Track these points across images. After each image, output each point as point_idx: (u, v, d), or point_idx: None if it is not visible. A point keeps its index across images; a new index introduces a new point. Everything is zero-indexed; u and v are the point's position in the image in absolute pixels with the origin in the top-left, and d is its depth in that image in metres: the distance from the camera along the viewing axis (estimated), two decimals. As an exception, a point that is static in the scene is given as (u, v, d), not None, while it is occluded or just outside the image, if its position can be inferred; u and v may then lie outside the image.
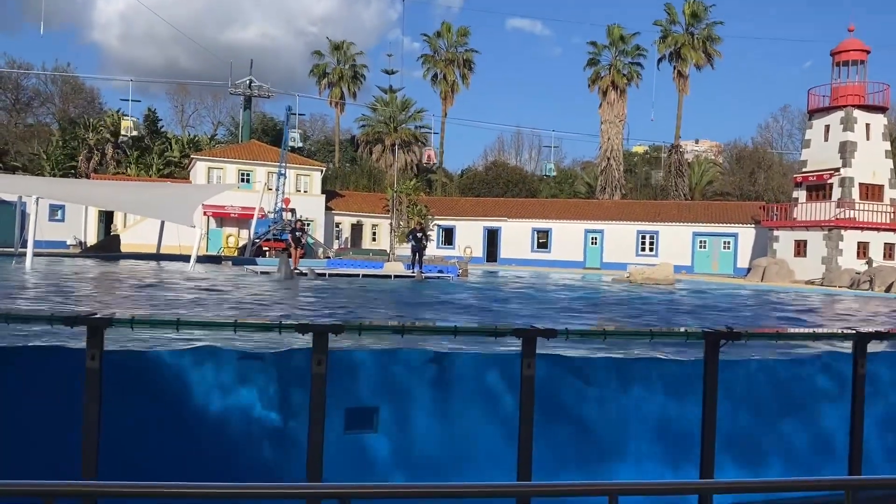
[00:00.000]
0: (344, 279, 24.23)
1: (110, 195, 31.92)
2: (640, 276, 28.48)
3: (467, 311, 14.48)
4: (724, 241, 43.41)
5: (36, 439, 5.01)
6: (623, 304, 17.88)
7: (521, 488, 3.41)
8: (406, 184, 48.85)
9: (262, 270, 25.44)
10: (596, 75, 55.50)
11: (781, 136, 67.49)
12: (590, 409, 5.77)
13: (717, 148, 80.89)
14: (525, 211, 48.28)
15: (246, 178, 44.93)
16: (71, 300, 12.58)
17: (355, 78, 62.53)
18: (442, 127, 62.06)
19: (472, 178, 63.62)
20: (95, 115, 58.46)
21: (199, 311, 11.45)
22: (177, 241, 31.74)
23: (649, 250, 44.62)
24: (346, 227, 48.57)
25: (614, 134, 54.84)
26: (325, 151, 63.96)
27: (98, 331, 4.49)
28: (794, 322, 14.75)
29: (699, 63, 54.63)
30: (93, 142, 52.10)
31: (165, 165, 53.57)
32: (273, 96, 56.27)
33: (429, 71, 61.26)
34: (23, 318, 5.02)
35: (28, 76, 60.50)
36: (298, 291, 17.66)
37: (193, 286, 17.34)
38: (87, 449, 4.42)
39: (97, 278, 19.87)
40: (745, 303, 20.41)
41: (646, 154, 68.17)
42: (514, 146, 79.71)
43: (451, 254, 44.00)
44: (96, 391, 4.46)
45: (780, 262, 36.32)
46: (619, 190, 54.89)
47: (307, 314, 12.22)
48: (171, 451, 5.20)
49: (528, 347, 4.86)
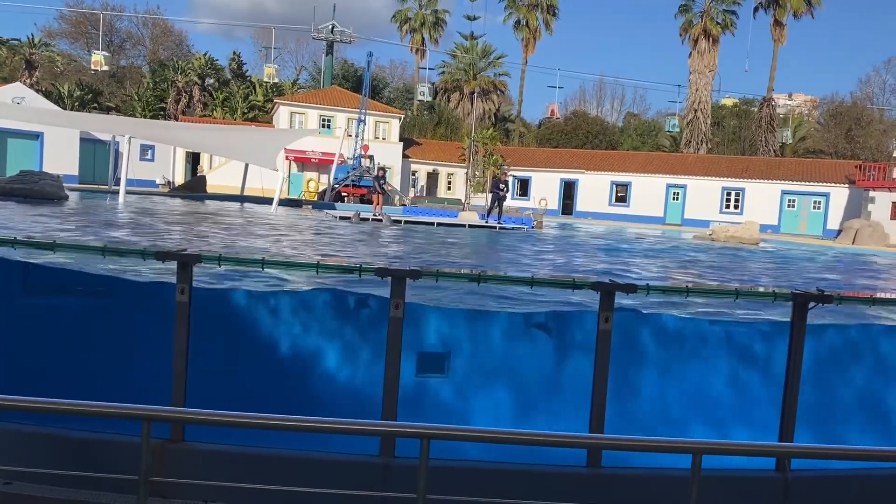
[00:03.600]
0: (419, 227, 24.42)
1: (198, 138, 32.89)
2: (723, 233, 27.57)
3: (542, 261, 14.40)
4: (815, 200, 41.46)
5: (134, 364, 5.31)
6: (705, 262, 17.39)
7: (595, 440, 3.40)
8: (483, 133, 48.40)
9: (341, 215, 25.85)
10: (688, 23, 53.15)
11: (884, 91, 63.47)
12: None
13: (812, 102, 76.60)
14: (604, 163, 47.20)
15: (327, 124, 45.48)
16: (161, 236, 13.12)
17: (437, 24, 61.80)
18: (522, 75, 61.01)
19: (550, 128, 62.47)
20: (184, 57, 59.97)
21: (284, 252, 11.77)
22: (259, 184, 32.58)
23: (734, 208, 43.09)
24: (421, 176, 48.72)
25: (703, 85, 52.67)
26: (404, 99, 63.91)
27: (187, 266, 4.67)
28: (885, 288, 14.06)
29: (798, 11, 51.51)
30: (181, 84, 53.56)
31: (250, 109, 54.67)
32: (355, 42, 56.36)
33: (511, 16, 59.98)
34: (118, 252, 5.26)
35: (120, 18, 62.41)
36: (379, 237, 17.92)
37: (276, 227, 17.82)
38: (177, 377, 4.64)
39: (185, 216, 20.65)
40: (833, 265, 19.55)
41: (735, 107, 65.22)
42: (595, 96, 77.70)
43: (525, 205, 43.61)
44: (185, 323, 4.66)
45: (874, 225, 34.50)
46: (706, 144, 52.94)
47: (385, 259, 12.41)
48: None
49: (607, 301, 4.79)
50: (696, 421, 5.51)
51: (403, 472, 4.22)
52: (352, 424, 2.77)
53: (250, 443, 4.44)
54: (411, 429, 2.66)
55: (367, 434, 2.70)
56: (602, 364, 4.73)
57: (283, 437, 4.05)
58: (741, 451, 2.59)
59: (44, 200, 20.20)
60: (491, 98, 59.21)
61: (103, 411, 2.89)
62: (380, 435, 3.72)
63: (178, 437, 4.54)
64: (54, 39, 58.81)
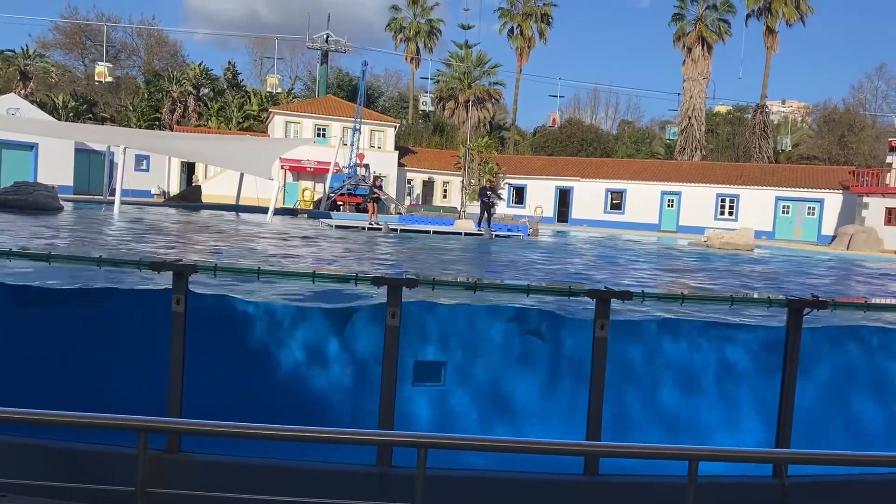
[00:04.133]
0: (415, 235, 24.42)
1: (193, 147, 32.87)
2: (718, 240, 27.63)
3: (537, 269, 14.41)
4: (809, 206, 41.60)
5: (130, 374, 5.29)
6: (701, 269, 17.43)
7: (592, 448, 3.40)
8: (478, 141, 48.48)
9: (344, 224, 25.76)
10: (682, 31, 53.44)
11: (876, 97, 63.80)
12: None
13: (805, 109, 76.96)
14: (599, 171, 47.31)
15: (322, 133, 45.53)
16: (156, 247, 13.10)
17: (431, 33, 62.00)
18: (516, 83, 61.17)
19: (545, 136, 62.59)
20: (178, 67, 60.00)
21: (279, 262, 11.76)
22: (255, 193, 32.54)
23: (729, 214, 43.20)
24: (417, 184, 48.75)
25: (697, 92, 52.92)
26: (399, 108, 64.03)
27: (183, 276, 4.66)
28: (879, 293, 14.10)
29: (790, 19, 51.82)
30: (176, 94, 53.57)
31: (245, 119, 54.69)
32: (349, 51, 56.51)
33: (505, 25, 60.18)
34: (113, 263, 5.25)
35: (116, 29, 62.45)
36: (374, 245, 17.91)
37: (271, 236, 17.80)
38: (173, 388, 4.63)
39: (180, 226, 20.62)
40: (826, 271, 19.61)
41: (729, 114, 65.49)
42: (589, 104, 77.95)
43: (521, 213, 43.66)
44: (181, 333, 4.65)
45: (868, 231, 34.61)
46: (700, 151, 53.12)
47: (380, 269, 12.40)
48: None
49: (602, 308, 4.80)
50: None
51: (401, 482, 4.21)
52: (349, 434, 2.77)
53: (248, 453, 4.43)
54: (408, 438, 2.66)
55: (364, 444, 2.70)
56: (598, 371, 4.74)
57: (281, 447, 4.04)
58: (738, 458, 2.60)
59: (39, 211, 20.16)
60: (486, 106, 59.37)
61: (99, 422, 2.89)
62: (377, 445, 3.72)
63: (174, 447, 4.53)
64: (49, 50, 58.85)
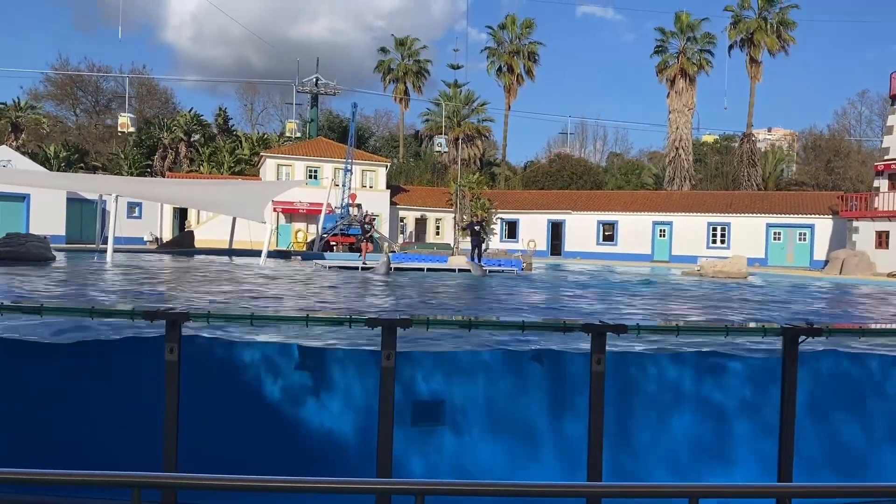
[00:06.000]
0: (409, 273, 24.40)
1: (184, 193, 32.96)
2: (711, 269, 27.70)
3: (533, 306, 14.39)
4: (800, 232, 41.85)
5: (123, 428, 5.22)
6: (696, 298, 17.45)
7: (593, 489, 3.36)
8: (469, 177, 48.84)
9: (338, 265, 25.77)
10: (664, 64, 54.31)
11: (860, 122, 64.68)
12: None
13: (791, 136, 77.93)
14: (590, 203, 47.60)
15: (314, 175, 45.80)
16: (149, 295, 13.05)
17: (419, 73, 62.83)
18: (505, 120, 61.84)
19: (535, 170, 63.10)
20: (169, 115, 60.49)
21: (273, 306, 11.71)
22: (248, 237, 32.56)
23: (720, 242, 43.40)
24: (410, 222, 48.92)
25: (683, 123, 53.56)
26: (390, 147, 64.57)
27: (176, 325, 4.64)
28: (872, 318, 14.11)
29: (772, 49, 52.81)
30: (167, 141, 53.91)
31: (236, 163, 55.02)
32: (339, 93, 57.19)
33: (493, 64, 61.05)
34: (106, 313, 5.22)
35: (107, 79, 63.05)
36: (369, 285, 17.89)
37: (265, 280, 17.76)
38: (168, 440, 4.57)
39: (173, 273, 20.57)
40: (821, 296, 19.65)
41: (716, 143, 66.28)
42: (578, 138, 78.75)
43: (514, 247, 43.76)
44: (175, 383, 4.61)
45: (859, 254, 34.78)
46: (689, 180, 53.58)
47: (374, 309, 12.37)
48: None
49: (598, 343, 4.78)
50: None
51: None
52: (346, 483, 2.73)
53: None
54: (405, 485, 2.62)
55: (362, 493, 2.66)
56: (596, 407, 4.70)
57: (281, 498, 3.97)
58: (739, 494, 2.57)
59: (31, 263, 20.09)
60: (476, 143, 59.95)
61: (91, 479, 2.84)
62: (374, 493, 3.66)
63: (170, 501, 4.45)
64: (40, 101, 59.26)
